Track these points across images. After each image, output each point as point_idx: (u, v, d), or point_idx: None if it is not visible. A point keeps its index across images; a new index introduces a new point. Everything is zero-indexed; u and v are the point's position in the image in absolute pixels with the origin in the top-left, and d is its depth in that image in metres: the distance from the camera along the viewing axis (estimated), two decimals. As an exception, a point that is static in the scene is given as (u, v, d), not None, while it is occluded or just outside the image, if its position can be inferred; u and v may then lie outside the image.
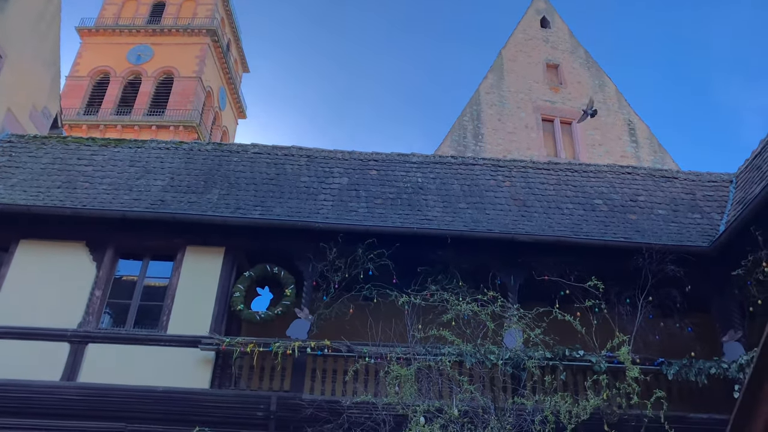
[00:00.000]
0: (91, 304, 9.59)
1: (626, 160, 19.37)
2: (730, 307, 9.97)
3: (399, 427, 7.54)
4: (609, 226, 10.76)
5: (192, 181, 11.14)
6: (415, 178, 11.86)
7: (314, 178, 11.59)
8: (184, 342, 9.35)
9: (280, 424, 8.74)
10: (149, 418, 8.74)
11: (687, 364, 9.27)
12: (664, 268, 9.46)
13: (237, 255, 10.31)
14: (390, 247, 9.86)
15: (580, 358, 9.12)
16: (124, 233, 10.13)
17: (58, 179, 10.79)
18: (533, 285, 10.27)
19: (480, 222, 10.59)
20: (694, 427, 8.84)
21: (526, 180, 12.07)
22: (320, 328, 9.86)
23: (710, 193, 11.85)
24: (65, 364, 9.10)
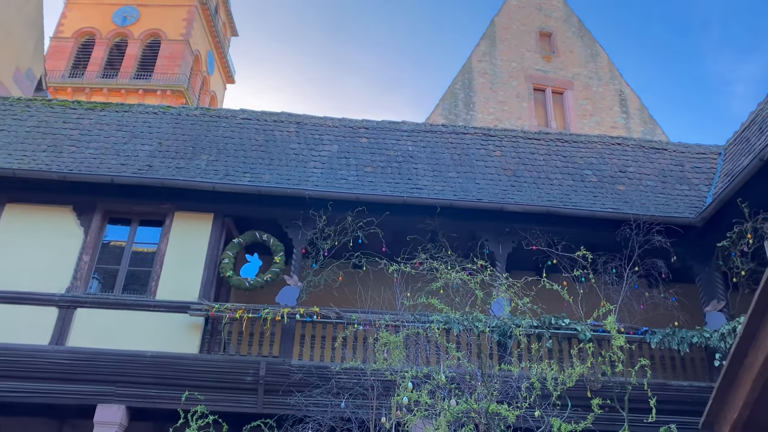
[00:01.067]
0: (79, 269, 9.57)
1: (617, 131, 19.38)
2: (713, 277, 10.13)
3: (387, 392, 7.65)
4: (598, 196, 10.82)
5: (180, 146, 11.02)
6: (406, 147, 11.81)
7: (304, 146, 11.51)
8: (173, 308, 9.38)
9: (269, 388, 8.84)
10: (139, 382, 8.83)
11: (670, 333, 9.46)
12: (650, 238, 9.58)
13: (226, 221, 10.30)
14: (380, 215, 9.88)
15: (565, 327, 9.29)
16: (111, 198, 10.06)
17: (44, 143, 10.64)
18: (521, 254, 10.38)
19: (470, 191, 10.61)
20: (674, 394, 9.07)
21: (517, 150, 12.06)
22: (309, 295, 9.92)
23: (699, 165, 11.92)
24: (54, 329, 9.11)
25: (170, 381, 8.77)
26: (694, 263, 10.38)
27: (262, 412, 8.50)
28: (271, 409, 8.43)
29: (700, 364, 9.84)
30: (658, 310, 10.12)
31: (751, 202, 9.17)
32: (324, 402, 7.98)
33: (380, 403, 7.30)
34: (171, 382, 8.74)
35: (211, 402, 8.50)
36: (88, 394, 8.74)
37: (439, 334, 8.64)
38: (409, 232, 10.29)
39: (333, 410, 7.68)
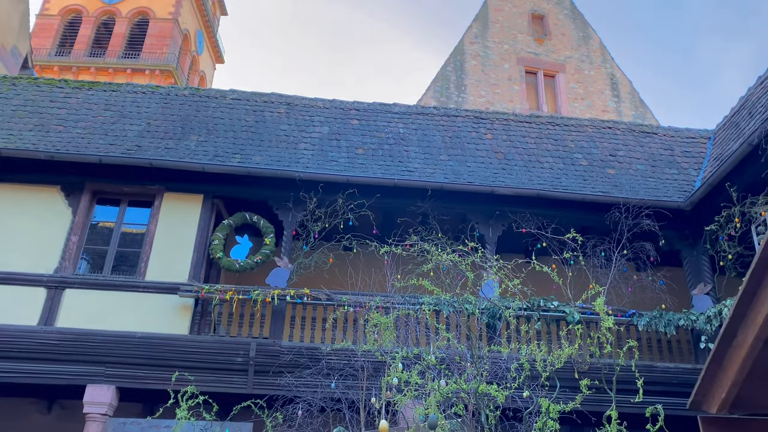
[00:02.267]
0: (67, 249, 9.50)
1: (608, 115, 19.41)
2: (701, 261, 10.24)
3: (377, 373, 7.70)
4: (588, 180, 10.86)
5: (169, 126, 10.92)
6: (397, 129, 11.77)
7: (294, 127, 11.43)
8: (163, 289, 9.36)
9: (259, 369, 8.87)
10: (128, 363, 8.83)
11: (657, 316, 9.57)
12: (639, 222, 9.64)
13: (215, 203, 10.26)
14: (370, 197, 9.86)
15: (554, 309, 9.38)
16: (100, 178, 9.98)
17: (30, 122, 10.49)
18: (511, 237, 10.43)
19: (461, 174, 10.61)
20: (660, 376, 9.20)
21: (508, 133, 12.05)
22: (300, 277, 9.93)
23: (688, 150, 11.98)
24: (42, 309, 9.07)
25: (160, 362, 8.78)
26: (682, 247, 10.49)
27: (253, 393, 8.53)
28: (262, 389, 8.46)
29: (686, 347, 9.98)
30: (645, 293, 10.22)
31: (739, 186, 9.25)
32: (314, 383, 8.02)
33: (370, 383, 7.36)
34: (161, 363, 8.74)
35: (202, 383, 8.51)
36: (77, 374, 8.73)
37: (429, 316, 8.71)
38: (400, 214, 10.30)
39: (323, 391, 7.72)
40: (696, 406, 2.94)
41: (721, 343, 2.73)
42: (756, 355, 2.58)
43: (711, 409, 2.83)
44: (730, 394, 2.64)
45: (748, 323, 2.57)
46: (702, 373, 2.87)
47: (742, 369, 2.56)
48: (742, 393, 2.62)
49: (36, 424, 10.17)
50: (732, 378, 2.59)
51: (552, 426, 3.26)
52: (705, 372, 2.83)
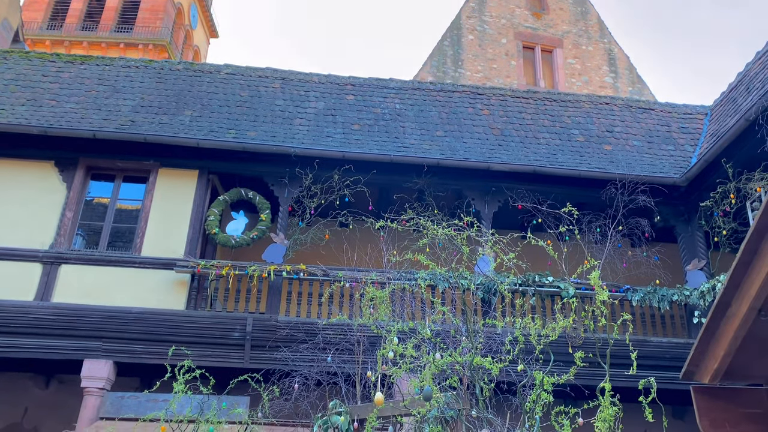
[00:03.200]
0: (62, 225, 9.48)
1: (605, 91, 19.31)
2: (695, 237, 10.29)
3: (373, 347, 7.76)
4: (584, 156, 10.85)
5: (163, 101, 10.82)
6: (393, 104, 11.69)
7: (289, 102, 11.34)
8: (159, 264, 9.36)
9: (256, 344, 8.93)
10: (125, 338, 8.87)
11: (651, 291, 9.64)
12: (635, 198, 9.65)
13: (211, 178, 10.22)
14: (366, 173, 9.84)
15: (549, 284, 9.43)
16: (94, 154, 9.91)
17: (23, 96, 10.38)
18: (507, 213, 10.45)
19: (457, 150, 10.58)
20: (653, 350, 9.30)
21: (505, 109, 11.99)
22: (296, 253, 9.95)
23: (685, 126, 11.95)
24: (38, 285, 9.07)
25: (157, 337, 8.82)
26: (677, 223, 10.53)
27: (249, 367, 8.58)
28: (258, 364, 8.51)
29: (679, 322, 10.07)
30: (640, 269, 10.28)
31: (735, 162, 9.25)
32: (311, 357, 8.08)
33: (366, 358, 7.41)
34: (158, 338, 8.78)
35: (199, 357, 8.53)
36: (74, 349, 8.77)
37: (425, 291, 8.76)
38: (396, 191, 10.29)
39: (320, 365, 7.78)
40: (688, 376, 2.98)
41: (714, 313, 2.76)
42: (749, 325, 2.61)
43: (703, 379, 2.86)
44: (722, 365, 2.67)
45: (742, 293, 2.59)
46: (695, 344, 2.90)
47: (735, 339, 2.58)
48: (735, 363, 2.65)
49: (34, 399, 10.25)
50: (725, 348, 2.62)
51: (545, 398, 3.29)
52: (698, 342, 2.86)
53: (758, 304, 2.53)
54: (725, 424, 2.74)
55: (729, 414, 2.76)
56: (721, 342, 2.63)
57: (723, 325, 2.66)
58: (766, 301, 2.56)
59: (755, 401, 2.81)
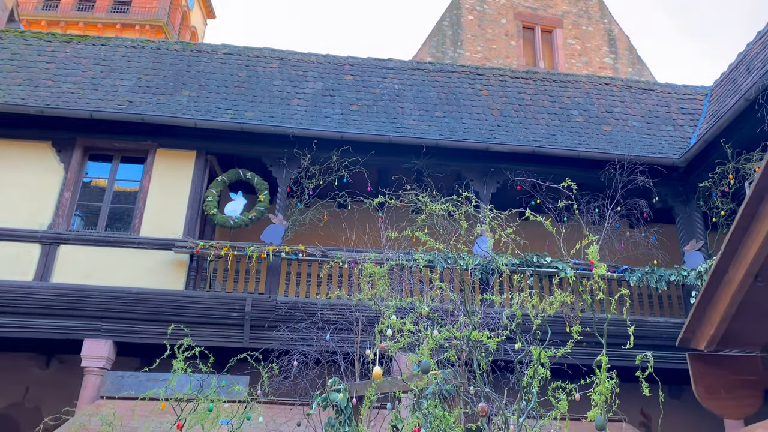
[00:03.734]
0: (60, 205, 9.46)
1: (605, 72, 19.20)
2: (693, 217, 10.31)
3: (371, 326, 7.79)
4: (583, 137, 10.82)
5: (160, 81, 10.75)
6: (392, 85, 11.63)
7: (287, 82, 11.28)
8: (158, 245, 9.37)
9: (255, 323, 8.97)
10: (125, 318, 8.90)
11: (648, 272, 9.67)
12: (634, 179, 9.66)
13: (209, 159, 10.19)
14: (365, 154, 9.81)
15: (547, 265, 9.46)
16: (91, 134, 9.86)
17: (19, 76, 10.30)
18: (505, 194, 10.44)
19: (456, 131, 10.54)
20: (651, 330, 9.35)
21: (504, 89, 11.93)
22: (295, 234, 9.95)
23: (685, 106, 11.92)
24: (37, 265, 9.08)
25: (156, 317, 8.85)
26: (676, 203, 10.54)
27: (249, 347, 8.62)
28: (258, 343, 8.54)
29: (676, 302, 10.12)
30: (638, 249, 10.31)
31: (734, 142, 9.23)
32: (309, 336, 8.12)
33: (365, 337, 7.46)
34: (157, 318, 8.81)
35: (198, 337, 8.55)
36: (74, 329, 8.81)
37: (423, 269, 8.79)
38: (395, 171, 10.27)
39: (318, 344, 7.83)
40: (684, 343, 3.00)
41: (711, 280, 2.77)
42: (745, 291, 2.62)
43: (699, 346, 2.88)
44: (718, 331, 2.69)
45: (739, 259, 2.60)
46: (692, 311, 2.92)
47: (731, 305, 2.60)
48: (731, 330, 2.67)
49: (35, 378, 10.31)
50: (721, 314, 2.64)
51: (542, 373, 3.32)
52: (695, 309, 2.88)
53: (755, 269, 2.54)
54: (720, 391, 2.77)
55: (724, 381, 2.79)
56: (718, 308, 2.64)
57: (719, 292, 2.67)
58: (763, 267, 2.57)
59: (750, 368, 2.84)
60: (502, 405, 3.67)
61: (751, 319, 2.68)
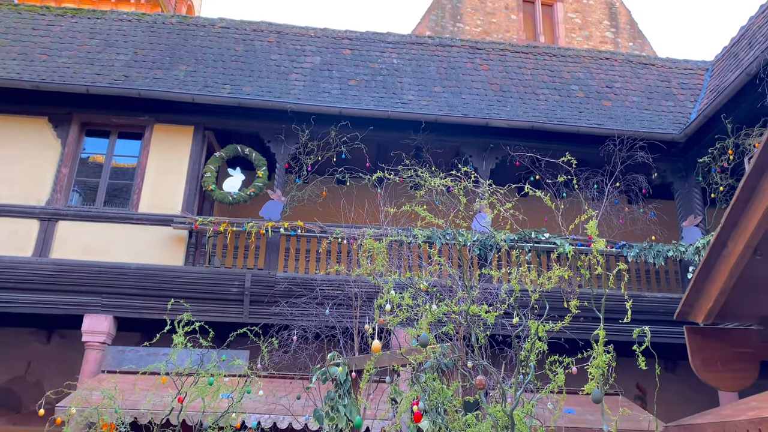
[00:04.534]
0: (58, 181, 9.43)
1: (605, 46, 19.01)
2: (692, 193, 10.31)
3: (370, 302, 7.84)
4: (583, 112, 10.76)
5: (157, 56, 10.64)
6: (391, 59, 11.52)
7: (285, 57, 11.17)
8: (156, 221, 9.37)
9: (254, 299, 9.01)
10: (125, 293, 8.93)
11: (646, 247, 9.70)
12: (633, 154, 9.64)
13: (206, 135, 10.14)
14: (363, 130, 9.77)
15: (545, 240, 9.48)
16: (88, 109, 9.79)
17: (13, 50, 10.19)
18: (504, 170, 10.41)
19: (455, 106, 10.47)
20: (648, 305, 9.42)
21: (504, 64, 11.83)
22: (293, 210, 9.95)
23: (685, 81, 11.83)
24: (36, 241, 9.08)
25: (156, 292, 8.89)
26: (675, 179, 10.53)
27: (248, 322, 8.68)
28: (257, 318, 8.61)
29: (674, 277, 10.17)
30: (636, 225, 10.34)
31: (735, 118, 9.19)
32: (309, 311, 8.16)
33: (363, 312, 7.50)
34: (157, 293, 8.85)
35: (198, 312, 8.59)
36: (74, 304, 8.85)
37: (422, 245, 8.82)
38: (394, 147, 10.23)
39: (317, 319, 7.88)
40: (683, 316, 3.01)
41: (710, 253, 2.78)
42: (744, 264, 2.63)
43: (697, 319, 2.90)
44: (716, 304, 2.70)
45: (739, 231, 2.60)
46: (690, 284, 2.93)
47: (730, 278, 2.61)
48: (728, 303, 2.68)
49: (36, 353, 10.40)
50: (719, 287, 2.65)
51: (540, 346, 3.34)
52: (693, 282, 2.89)
53: (754, 242, 2.55)
54: (716, 363, 2.80)
55: (720, 353, 2.81)
56: (716, 281, 2.66)
57: (718, 265, 2.68)
58: (762, 240, 2.58)
59: (746, 341, 2.86)
60: (500, 378, 3.71)
61: (748, 292, 2.69)
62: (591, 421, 7.96)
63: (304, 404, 7.04)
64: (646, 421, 8.12)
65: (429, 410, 3.83)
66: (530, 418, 3.56)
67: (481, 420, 3.54)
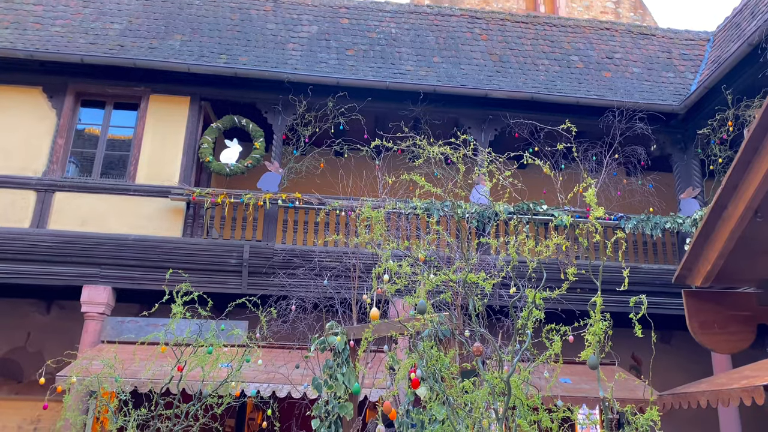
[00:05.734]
0: (54, 152, 9.37)
1: (606, 17, 18.77)
2: (691, 165, 10.29)
3: (368, 272, 7.88)
4: (583, 83, 10.67)
5: (152, 25, 10.49)
6: (389, 29, 11.37)
7: (281, 26, 11.02)
8: (154, 192, 9.34)
9: (253, 270, 9.03)
10: (123, 265, 8.94)
11: (644, 219, 9.71)
12: (632, 126, 9.58)
13: (203, 105, 10.05)
14: (361, 101, 9.68)
15: (543, 212, 9.49)
16: (82, 79, 9.68)
17: (6, 19, 10.03)
18: (503, 142, 10.35)
19: (454, 77, 10.38)
20: (644, 276, 9.48)
21: (503, 34, 11.69)
22: (291, 182, 9.92)
23: (686, 52, 11.72)
24: (33, 212, 9.06)
25: (154, 263, 8.90)
26: (674, 151, 10.50)
27: (247, 293, 8.71)
28: (256, 289, 8.63)
29: (671, 249, 10.20)
30: (634, 197, 10.33)
31: (735, 89, 9.13)
32: (307, 282, 8.19)
33: (361, 283, 7.53)
34: (155, 265, 8.86)
35: (197, 283, 8.57)
36: (73, 275, 8.86)
37: (421, 214, 8.82)
38: (392, 119, 10.14)
39: (316, 289, 7.91)
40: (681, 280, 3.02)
41: (710, 215, 2.77)
42: (744, 226, 2.62)
43: (695, 282, 2.90)
44: (715, 267, 2.71)
45: (740, 193, 2.59)
46: (689, 247, 2.93)
47: (729, 241, 2.61)
48: (727, 266, 2.69)
49: (36, 324, 10.45)
50: (718, 250, 2.65)
51: (537, 315, 3.36)
52: (692, 246, 2.89)
53: (755, 204, 2.54)
54: (714, 326, 2.81)
55: (718, 316, 2.83)
56: (716, 244, 2.66)
57: (718, 228, 2.68)
58: (763, 202, 2.58)
59: (744, 304, 2.88)
60: (497, 346, 3.73)
61: (747, 255, 2.69)
62: (586, 390, 8.06)
63: (303, 373, 7.10)
64: (640, 389, 8.23)
65: (426, 377, 3.87)
66: (527, 385, 3.59)
67: (478, 386, 3.57)
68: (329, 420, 5.23)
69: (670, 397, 7.30)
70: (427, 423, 3.90)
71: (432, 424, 3.84)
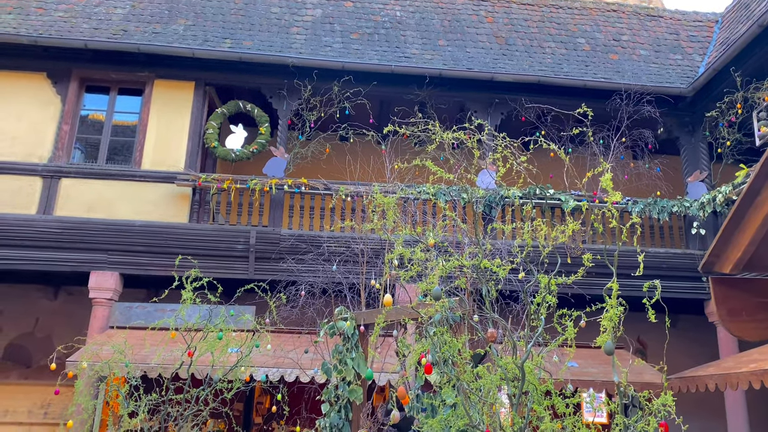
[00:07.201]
0: (59, 138, 9.35)
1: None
2: (698, 148, 10.23)
3: (377, 258, 7.89)
4: (590, 66, 10.58)
5: (155, 9, 10.40)
6: (394, 12, 11.27)
7: (285, 9, 10.92)
8: (160, 178, 9.32)
9: (260, 255, 9.04)
10: (130, 251, 8.96)
11: (651, 203, 9.68)
12: (640, 109, 9.51)
13: (207, 90, 9.99)
14: (367, 85, 9.62)
15: (550, 197, 9.46)
16: (87, 64, 9.62)
17: (8, 4, 9.95)
18: (510, 126, 10.27)
19: (460, 60, 10.30)
20: (651, 260, 9.44)
21: (510, 16, 11.58)
22: (297, 167, 9.89)
23: (694, 34, 11.60)
24: (39, 199, 9.06)
25: (161, 249, 8.91)
26: (681, 134, 10.44)
27: (254, 278, 8.74)
28: (263, 275, 8.65)
29: (677, 233, 10.18)
30: (641, 181, 10.29)
31: (744, 71, 9.04)
32: (315, 267, 8.20)
33: (369, 268, 7.54)
34: (162, 250, 8.87)
35: (204, 269, 8.51)
36: (80, 261, 8.88)
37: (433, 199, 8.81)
38: (397, 103, 10.10)
39: (324, 275, 7.92)
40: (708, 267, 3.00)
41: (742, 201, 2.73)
42: (779, 213, 2.58)
43: (724, 269, 2.88)
44: (745, 254, 2.68)
45: (775, 178, 2.54)
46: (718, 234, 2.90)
47: (762, 227, 2.57)
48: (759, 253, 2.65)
49: (44, 310, 10.51)
50: (750, 237, 2.62)
51: (550, 300, 3.35)
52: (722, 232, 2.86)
53: (790, 190, 2.51)
54: (742, 313, 2.80)
55: (746, 303, 2.81)
56: (747, 231, 2.63)
57: (750, 214, 2.64)
58: (801, 187, 2.54)
59: (773, 290, 2.86)
60: (510, 331, 3.74)
61: (780, 241, 2.66)
62: (593, 374, 8.10)
63: (312, 358, 7.14)
64: (647, 372, 8.26)
65: (438, 363, 3.88)
66: (539, 369, 3.59)
67: (492, 372, 3.58)
68: (339, 404, 5.27)
69: (677, 381, 7.32)
70: (440, 407, 3.92)
71: (443, 408, 3.86)
